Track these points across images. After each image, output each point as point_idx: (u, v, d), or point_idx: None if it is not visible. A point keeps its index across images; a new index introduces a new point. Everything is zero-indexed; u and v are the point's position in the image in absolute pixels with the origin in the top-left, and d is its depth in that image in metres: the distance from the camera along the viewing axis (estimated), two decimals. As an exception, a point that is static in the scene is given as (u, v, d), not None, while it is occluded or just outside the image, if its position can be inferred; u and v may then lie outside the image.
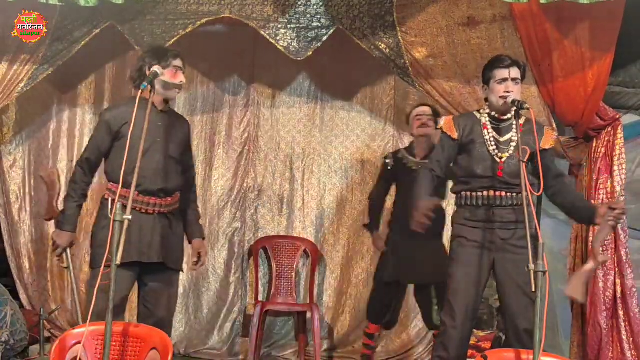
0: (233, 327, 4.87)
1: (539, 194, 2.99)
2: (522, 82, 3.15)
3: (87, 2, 3.14)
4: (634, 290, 3.59)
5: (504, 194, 3.10)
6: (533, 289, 2.45)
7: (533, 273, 2.47)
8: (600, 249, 3.17)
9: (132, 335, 2.61)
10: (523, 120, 3.13)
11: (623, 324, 3.58)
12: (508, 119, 3.14)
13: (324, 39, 4.00)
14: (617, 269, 3.61)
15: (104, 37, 4.13)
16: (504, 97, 3.05)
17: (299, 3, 3.96)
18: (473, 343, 4.62)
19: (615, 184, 3.65)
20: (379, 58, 4.00)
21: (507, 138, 3.13)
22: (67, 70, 4.45)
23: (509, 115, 3.13)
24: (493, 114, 3.15)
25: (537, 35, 3.59)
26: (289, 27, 3.99)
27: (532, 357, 2.47)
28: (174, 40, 3.94)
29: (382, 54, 3.96)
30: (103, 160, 3.29)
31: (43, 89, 4.79)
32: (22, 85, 3.94)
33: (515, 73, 3.09)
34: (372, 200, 4.37)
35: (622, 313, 3.58)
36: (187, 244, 3.49)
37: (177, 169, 3.32)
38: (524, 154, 2.88)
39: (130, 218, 2.44)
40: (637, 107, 4.92)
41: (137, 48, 4.08)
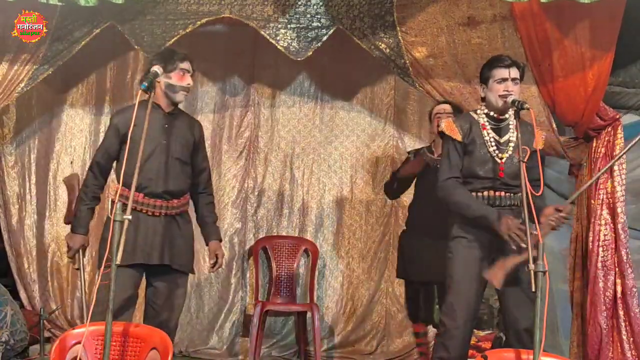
0: (233, 327, 4.87)
1: (539, 194, 2.98)
2: (520, 82, 3.15)
3: (87, 2, 3.14)
4: (634, 290, 3.59)
5: (504, 194, 3.11)
6: (533, 289, 2.45)
7: (533, 273, 2.47)
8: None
9: (132, 335, 2.62)
10: (517, 121, 3.12)
11: (623, 324, 3.57)
12: (505, 119, 3.14)
13: (324, 39, 4.00)
14: (617, 269, 3.61)
15: (104, 37, 4.13)
16: (504, 96, 3.05)
17: (299, 3, 3.96)
18: (473, 343, 4.62)
19: (615, 184, 3.65)
20: (379, 58, 4.00)
21: (506, 138, 3.13)
22: (67, 70, 4.45)
23: (507, 115, 3.13)
24: (491, 114, 3.15)
25: (537, 35, 3.58)
26: (289, 27, 3.99)
27: (532, 357, 2.47)
28: (174, 40, 3.93)
29: (382, 54, 3.96)
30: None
31: (43, 89, 4.80)
32: (22, 85, 3.94)
33: (515, 73, 3.08)
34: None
35: (622, 313, 3.58)
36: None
37: (183, 171, 3.30)
38: (524, 154, 2.88)
39: (130, 218, 2.44)
40: (637, 107, 4.92)
41: (137, 48, 4.09)
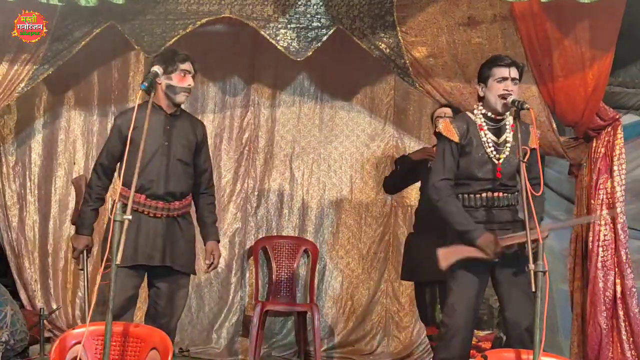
0: (233, 327, 4.87)
1: (539, 194, 2.98)
2: (519, 83, 3.12)
3: (87, 2, 3.13)
4: (634, 290, 3.59)
5: (502, 195, 3.10)
6: (533, 289, 2.45)
7: (533, 273, 2.47)
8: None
9: (132, 335, 2.62)
10: (511, 120, 3.10)
11: (623, 324, 3.57)
12: (502, 119, 3.11)
13: (324, 39, 4.00)
14: (617, 269, 3.61)
15: (104, 37, 4.13)
16: (503, 96, 3.02)
17: (299, 3, 3.96)
18: (473, 343, 4.61)
19: (615, 184, 3.65)
20: (379, 58, 4.00)
21: (503, 139, 3.10)
22: (67, 70, 4.45)
23: (504, 115, 3.09)
24: (488, 114, 3.11)
25: (537, 35, 3.58)
26: (289, 27, 3.99)
27: (532, 357, 2.47)
28: (174, 40, 3.93)
29: (382, 54, 3.96)
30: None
31: (44, 89, 4.80)
32: (22, 85, 3.94)
33: (515, 73, 3.06)
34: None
35: (622, 313, 3.58)
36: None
37: (185, 172, 3.30)
38: (523, 154, 2.87)
39: (130, 218, 2.44)
40: (637, 107, 4.92)
41: (137, 48, 4.08)
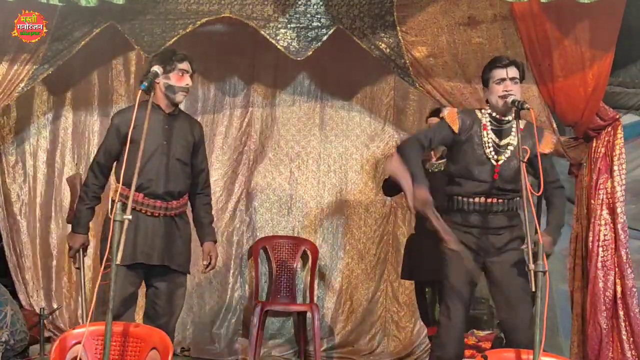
0: (233, 327, 4.86)
1: (539, 194, 2.97)
2: (521, 82, 3.12)
3: (87, 2, 3.13)
4: (634, 290, 3.59)
5: (497, 201, 3.08)
6: (533, 289, 2.45)
7: (533, 273, 2.47)
8: None
9: (132, 335, 2.62)
10: (524, 124, 3.08)
11: (623, 324, 3.58)
12: (508, 121, 3.09)
13: (324, 39, 4.00)
14: (617, 269, 3.61)
15: (104, 37, 4.13)
16: (503, 96, 3.02)
17: (299, 3, 3.96)
18: (473, 343, 4.62)
19: (615, 184, 3.65)
20: (379, 58, 3.99)
21: (505, 142, 3.09)
22: (67, 70, 4.45)
23: (510, 117, 3.08)
24: (494, 115, 3.11)
25: (537, 35, 3.58)
26: (289, 26, 3.99)
27: (532, 357, 2.47)
28: (174, 40, 3.93)
29: (382, 54, 3.96)
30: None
31: (44, 89, 4.80)
32: (22, 85, 3.93)
33: (513, 72, 3.05)
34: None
35: (622, 313, 3.58)
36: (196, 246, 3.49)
37: (184, 172, 3.31)
38: (524, 154, 2.87)
39: (130, 218, 2.44)
40: (637, 107, 4.91)
41: (137, 48, 4.08)
